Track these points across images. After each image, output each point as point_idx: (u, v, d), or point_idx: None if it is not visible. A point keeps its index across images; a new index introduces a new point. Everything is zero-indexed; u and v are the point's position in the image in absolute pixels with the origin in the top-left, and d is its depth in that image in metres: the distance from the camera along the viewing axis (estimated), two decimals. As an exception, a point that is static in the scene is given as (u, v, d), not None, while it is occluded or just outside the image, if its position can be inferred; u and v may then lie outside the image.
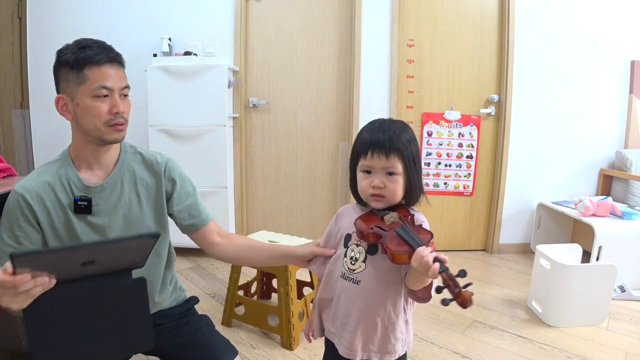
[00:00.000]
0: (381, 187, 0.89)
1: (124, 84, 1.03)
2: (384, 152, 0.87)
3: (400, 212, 0.90)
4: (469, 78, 2.89)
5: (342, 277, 0.94)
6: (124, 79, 1.04)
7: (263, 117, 2.96)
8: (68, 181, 1.04)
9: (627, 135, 2.95)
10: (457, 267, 0.76)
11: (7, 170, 1.50)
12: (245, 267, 1.92)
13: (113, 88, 1.01)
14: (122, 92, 1.03)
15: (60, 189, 1.04)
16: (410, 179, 0.90)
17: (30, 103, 2.82)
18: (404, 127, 0.92)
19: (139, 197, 1.10)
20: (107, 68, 1.00)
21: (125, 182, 1.09)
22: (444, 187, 2.98)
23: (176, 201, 1.14)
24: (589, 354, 1.73)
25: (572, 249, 2.25)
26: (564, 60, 2.87)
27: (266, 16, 2.86)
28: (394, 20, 2.79)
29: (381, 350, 0.93)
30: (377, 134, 0.89)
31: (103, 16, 2.79)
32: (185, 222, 1.15)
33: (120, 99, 1.02)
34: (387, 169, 0.88)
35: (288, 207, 3.04)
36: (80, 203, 1.04)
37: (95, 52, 0.99)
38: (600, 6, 2.83)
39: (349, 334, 0.93)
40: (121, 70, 1.04)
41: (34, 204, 1.00)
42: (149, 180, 1.12)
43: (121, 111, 1.02)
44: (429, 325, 1.96)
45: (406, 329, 0.95)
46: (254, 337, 1.84)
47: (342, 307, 0.94)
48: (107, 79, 1.00)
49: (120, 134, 1.04)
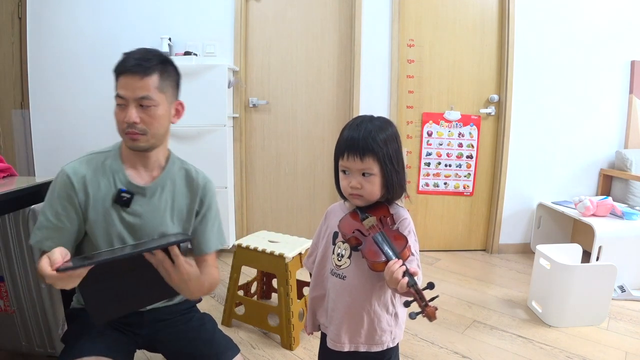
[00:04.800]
0: (358, 188, 0.92)
1: (140, 94, 1.01)
2: (359, 154, 0.89)
3: (380, 211, 0.93)
4: (469, 78, 2.89)
5: (331, 274, 0.99)
6: (143, 89, 1.01)
7: (263, 117, 2.96)
8: (113, 174, 1.08)
9: (627, 135, 2.95)
10: (457, 267, 0.77)
11: (7, 170, 1.49)
12: (245, 267, 1.92)
13: (127, 97, 1.01)
14: (140, 102, 1.01)
15: (105, 179, 1.07)
16: (387, 179, 0.91)
17: (30, 103, 2.81)
18: (383, 126, 0.93)
19: (173, 210, 1.13)
20: (126, 77, 1.01)
21: (166, 192, 1.13)
22: (444, 187, 2.98)
23: (197, 221, 1.18)
24: (589, 354, 1.73)
25: (572, 249, 2.25)
26: (564, 60, 2.87)
27: (266, 16, 2.86)
28: (394, 20, 2.79)
29: (368, 342, 0.96)
30: (353, 134, 0.91)
31: (103, 16, 2.78)
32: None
33: (140, 110, 1.02)
34: (362, 170, 0.91)
35: (288, 207, 3.04)
36: (124, 195, 1.07)
37: (123, 61, 1.03)
38: (600, 6, 2.83)
39: (336, 327, 0.97)
40: (144, 80, 1.01)
41: (78, 188, 1.04)
42: (185, 197, 1.16)
43: (132, 121, 1.01)
44: (429, 325, 1.96)
45: (395, 321, 0.97)
46: (254, 337, 1.84)
47: (331, 302, 0.98)
48: (123, 88, 1.02)
49: (135, 143, 1.04)
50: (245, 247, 1.85)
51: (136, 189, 1.09)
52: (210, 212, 1.19)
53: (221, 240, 1.22)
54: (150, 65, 1.02)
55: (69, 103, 2.83)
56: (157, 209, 1.11)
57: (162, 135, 1.09)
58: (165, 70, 1.07)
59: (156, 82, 1.03)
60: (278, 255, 1.76)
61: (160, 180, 1.12)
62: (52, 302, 1.46)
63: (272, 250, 1.78)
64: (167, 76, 1.07)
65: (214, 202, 1.21)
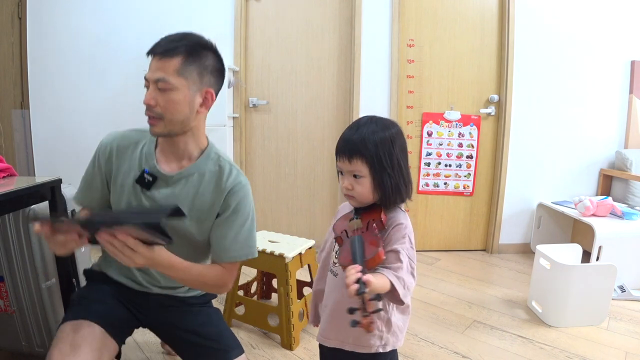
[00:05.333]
0: (349, 189, 0.92)
1: (156, 76, 0.98)
2: (347, 155, 0.91)
3: (373, 214, 0.92)
4: (469, 78, 2.89)
5: (329, 270, 1.01)
6: (160, 70, 0.98)
7: (263, 117, 2.96)
8: (144, 154, 1.09)
9: (627, 135, 2.95)
10: (457, 267, 0.76)
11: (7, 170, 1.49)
12: (245, 267, 1.92)
13: (148, 79, 0.99)
14: (157, 85, 0.98)
15: (133, 157, 1.09)
16: (377, 181, 0.90)
17: (30, 103, 2.81)
18: (382, 127, 0.91)
19: (193, 205, 1.08)
20: (153, 59, 1.00)
21: (190, 184, 1.08)
22: (444, 187, 2.98)
23: (216, 223, 1.11)
24: (589, 354, 1.73)
25: (572, 249, 2.25)
26: (564, 60, 2.86)
27: (266, 16, 2.86)
28: (394, 20, 2.79)
29: (355, 342, 0.96)
30: (347, 135, 0.93)
31: (103, 16, 2.78)
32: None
33: (157, 92, 0.99)
34: (352, 171, 0.91)
35: (288, 207, 3.04)
36: (146, 176, 1.07)
37: (156, 42, 1.00)
38: (600, 6, 2.83)
39: (324, 322, 1.00)
40: (162, 62, 0.98)
41: (107, 157, 1.11)
42: (210, 195, 1.09)
43: (147, 104, 0.99)
44: (429, 325, 1.96)
45: (387, 327, 0.95)
46: (254, 337, 1.84)
47: (325, 297, 1.02)
48: (148, 70, 1.00)
49: (152, 128, 1.02)
50: (245, 247, 1.85)
51: (160, 175, 1.07)
52: (236, 217, 1.10)
53: (245, 251, 1.11)
54: (172, 48, 0.98)
55: (69, 103, 2.83)
56: (176, 199, 1.07)
57: (182, 123, 1.03)
58: (193, 55, 1.00)
59: (177, 65, 0.98)
60: (278, 255, 1.76)
61: (186, 172, 1.08)
62: (52, 302, 1.46)
63: (272, 250, 1.78)
64: (193, 61, 1.01)
65: (244, 208, 1.11)
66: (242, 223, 1.11)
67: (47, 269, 1.44)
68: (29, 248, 1.41)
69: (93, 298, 1.13)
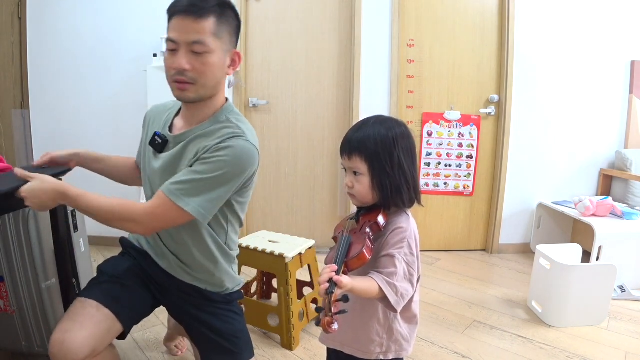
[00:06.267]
0: (350, 187, 0.92)
1: (193, 38, 0.91)
2: (346, 152, 0.91)
3: (369, 216, 0.90)
4: (469, 78, 2.89)
5: None
6: (197, 32, 0.91)
7: (263, 117, 2.95)
8: (166, 119, 1.12)
9: (627, 135, 2.95)
10: (457, 267, 0.76)
11: (7, 170, 1.49)
12: (245, 267, 1.92)
13: (178, 41, 0.92)
14: (192, 47, 0.92)
15: (158, 122, 1.13)
16: (376, 180, 0.88)
17: (30, 103, 2.81)
18: (385, 127, 0.90)
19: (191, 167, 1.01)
20: (179, 19, 0.92)
21: (192, 146, 1.02)
22: (444, 187, 2.98)
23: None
24: (589, 354, 1.73)
25: (572, 249, 2.25)
26: (563, 60, 2.87)
27: (266, 16, 2.86)
28: (394, 20, 2.79)
29: (354, 345, 0.95)
30: (350, 132, 0.93)
31: (103, 16, 2.78)
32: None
33: (190, 55, 0.93)
34: (352, 169, 0.91)
35: (288, 207, 3.04)
36: (157, 138, 1.07)
37: (176, 2, 0.93)
38: (600, 6, 2.83)
39: None
40: (198, 22, 0.91)
41: (145, 125, 1.19)
42: (200, 148, 1.01)
43: (181, 68, 0.93)
44: (429, 325, 1.96)
45: (388, 335, 0.94)
46: (254, 337, 1.83)
47: None
48: (174, 30, 0.93)
49: (183, 93, 0.97)
50: (245, 247, 1.85)
51: (169, 137, 1.07)
52: (199, 165, 0.96)
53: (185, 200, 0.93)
54: (206, 7, 0.92)
55: (69, 103, 2.82)
56: (175, 159, 1.03)
57: (213, 87, 1.00)
58: (224, 14, 0.96)
59: (212, 26, 0.93)
60: (278, 256, 1.76)
61: (189, 132, 1.03)
62: (52, 302, 1.46)
63: (272, 250, 1.78)
64: (224, 20, 0.96)
65: (216, 163, 0.96)
66: (201, 171, 0.95)
67: (47, 268, 1.44)
68: (29, 248, 1.41)
69: (112, 274, 1.10)
